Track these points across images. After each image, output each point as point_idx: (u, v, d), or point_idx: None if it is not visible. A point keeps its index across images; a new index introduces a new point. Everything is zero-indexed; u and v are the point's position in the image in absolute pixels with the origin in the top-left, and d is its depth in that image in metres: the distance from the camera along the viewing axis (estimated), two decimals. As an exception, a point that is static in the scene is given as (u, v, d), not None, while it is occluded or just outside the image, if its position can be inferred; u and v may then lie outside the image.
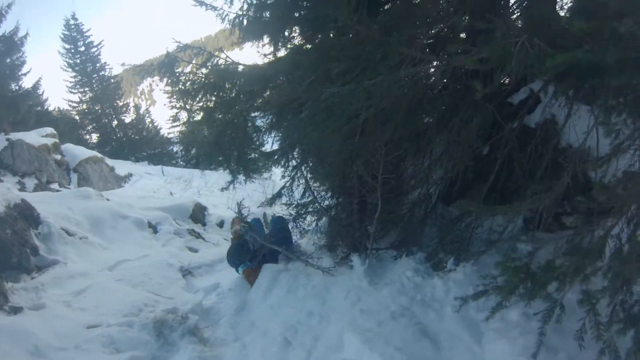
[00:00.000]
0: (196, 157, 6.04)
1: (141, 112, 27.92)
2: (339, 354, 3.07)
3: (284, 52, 4.42)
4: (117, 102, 25.36)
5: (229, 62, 4.62)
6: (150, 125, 27.71)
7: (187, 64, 4.88)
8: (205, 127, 5.12)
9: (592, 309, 2.14)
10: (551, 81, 3.21)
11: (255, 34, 4.37)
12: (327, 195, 5.03)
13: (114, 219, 6.86)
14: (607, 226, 2.27)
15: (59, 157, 13.35)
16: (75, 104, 24.77)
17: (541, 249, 2.69)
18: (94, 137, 25.55)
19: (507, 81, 4.17)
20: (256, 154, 5.40)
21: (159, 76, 4.90)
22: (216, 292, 4.92)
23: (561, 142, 3.72)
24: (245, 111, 4.22)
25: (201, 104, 5.00)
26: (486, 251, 3.75)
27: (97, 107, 24.69)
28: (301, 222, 5.23)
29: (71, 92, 24.28)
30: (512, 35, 2.02)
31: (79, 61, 23.53)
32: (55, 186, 11.71)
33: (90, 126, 25.48)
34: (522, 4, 4.14)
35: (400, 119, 3.25)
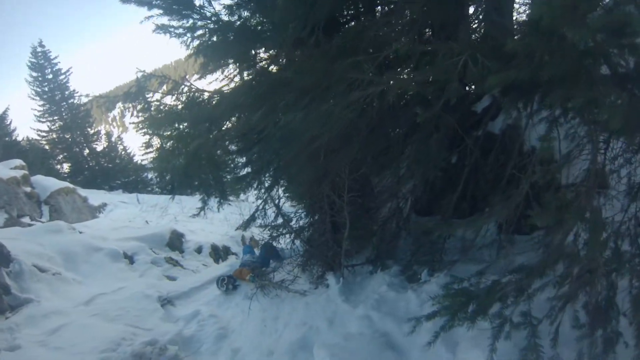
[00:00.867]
0: (171, 183, 6.02)
1: (113, 139, 27.41)
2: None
3: (246, 75, 4.49)
4: (88, 130, 24.84)
5: (194, 90, 4.66)
6: (123, 152, 27.20)
7: (154, 92, 4.89)
8: (176, 154, 5.11)
9: (532, 331, 2.20)
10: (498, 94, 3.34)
11: (218, 59, 4.43)
12: (301, 216, 5.08)
13: (87, 253, 6.73)
14: (562, 231, 2.37)
15: (29, 189, 13.02)
16: (44, 134, 24.17)
17: (490, 266, 2.73)
18: (65, 167, 24.91)
19: (470, 90, 4.34)
20: (230, 177, 5.42)
21: (125, 107, 4.89)
22: (196, 320, 4.87)
23: (525, 147, 3.86)
24: (212, 139, 4.24)
25: (171, 131, 5.01)
26: (459, 260, 3.83)
27: (68, 136, 24.13)
28: (276, 243, 5.25)
29: (40, 121, 23.70)
30: (454, 54, 2.13)
31: (47, 89, 23.01)
32: (26, 220, 11.41)
33: (61, 155, 24.85)
34: (479, 16, 4.31)
35: (361, 139, 3.33)
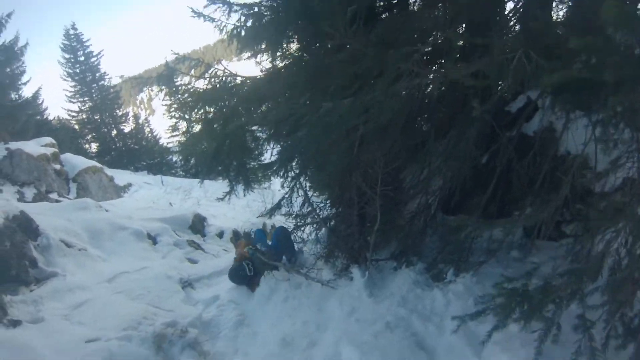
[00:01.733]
0: (195, 167, 6.05)
1: (140, 121, 27.95)
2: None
3: (281, 62, 4.45)
4: (117, 111, 25.38)
5: (227, 74, 4.64)
6: (149, 134, 27.71)
7: (185, 75, 4.90)
8: (204, 138, 5.12)
9: (587, 332, 2.13)
10: (548, 93, 3.21)
11: (252, 44, 4.39)
12: (327, 205, 5.03)
13: (112, 231, 6.83)
14: (606, 240, 2.27)
15: (58, 166, 13.34)
16: (74, 114, 24.79)
17: (539, 267, 2.66)
18: (94, 147, 25.54)
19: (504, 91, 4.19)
20: (255, 164, 5.41)
21: (157, 89, 4.92)
22: (216, 305, 4.88)
23: (559, 150, 3.73)
24: (244, 124, 4.22)
25: (199, 115, 5.02)
26: (486, 261, 3.74)
27: (97, 117, 24.71)
28: (301, 232, 5.22)
29: (71, 101, 24.32)
30: (508, 50, 2.03)
31: (78, 71, 23.57)
32: (54, 196, 11.70)
33: (89, 135, 25.48)
34: (518, 12, 4.16)
35: (398, 131, 3.25)
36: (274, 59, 4.42)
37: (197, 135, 5.37)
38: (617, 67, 1.69)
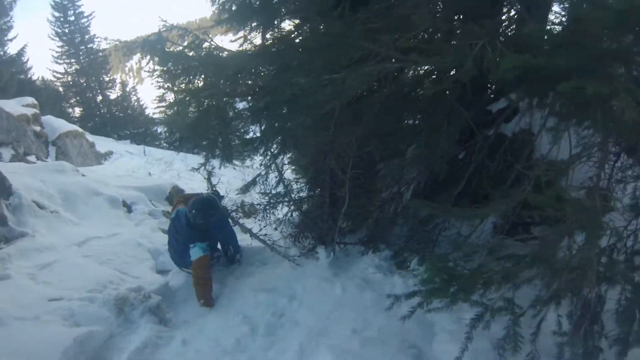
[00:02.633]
0: (179, 139, 6.02)
1: (127, 89, 27.47)
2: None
3: (269, 40, 4.43)
4: (104, 76, 24.89)
5: (214, 47, 4.61)
6: (135, 103, 27.29)
7: (173, 44, 4.85)
8: (189, 106, 5.10)
9: (514, 320, 2.18)
10: (509, 85, 3.28)
11: (241, 20, 4.37)
12: (302, 188, 5.08)
13: (87, 195, 6.78)
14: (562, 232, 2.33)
15: (38, 128, 13.10)
16: (60, 75, 24.25)
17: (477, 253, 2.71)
18: (77, 111, 25.07)
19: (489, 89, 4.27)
20: (238, 140, 5.41)
21: (142, 55, 4.86)
22: (184, 274, 4.91)
23: (535, 153, 3.83)
24: (223, 92, 4.22)
25: (185, 85, 4.99)
26: (451, 254, 3.84)
27: (83, 81, 24.20)
28: (273, 212, 5.25)
29: (57, 62, 23.76)
30: (473, 37, 2.07)
31: (67, 31, 22.98)
32: (32, 158, 11.53)
33: (73, 99, 24.97)
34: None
35: (372, 117, 3.30)
36: (263, 38, 4.41)
37: (180, 103, 5.34)
38: (575, 56, 1.73)
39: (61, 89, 24.65)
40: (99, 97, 24.76)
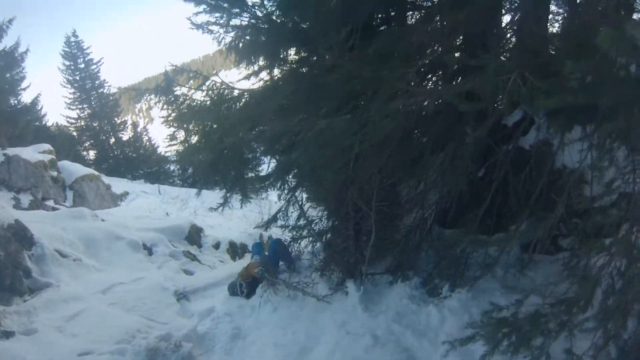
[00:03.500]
0: (193, 177, 6.06)
1: (139, 130, 27.85)
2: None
3: (278, 74, 4.46)
4: (115, 119, 25.34)
5: (224, 87, 4.66)
6: (147, 143, 27.62)
7: (183, 87, 4.91)
8: (201, 149, 5.13)
9: None
10: (544, 115, 3.23)
11: (250, 58, 4.42)
12: (323, 219, 5.03)
13: (108, 240, 6.79)
14: (597, 267, 2.25)
15: (55, 173, 13.28)
16: (73, 121, 24.74)
17: (530, 295, 2.65)
18: (91, 154, 25.43)
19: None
20: (252, 175, 5.42)
21: (155, 99, 4.93)
22: (211, 317, 4.85)
23: (556, 164, 3.74)
24: (241, 139, 4.23)
25: (197, 126, 5.03)
26: (482, 276, 3.74)
27: (95, 124, 24.67)
28: (297, 245, 5.21)
29: (70, 108, 24.28)
30: (503, 71, 2.04)
31: (78, 78, 23.56)
32: (50, 203, 11.64)
33: (87, 143, 25.39)
34: (515, 24, 4.20)
35: (393, 147, 3.26)
36: (271, 74, 4.45)
37: (195, 146, 5.38)
38: (613, 91, 1.70)
39: (75, 134, 25.09)
40: (112, 140, 25.16)
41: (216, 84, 4.69)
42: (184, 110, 4.84)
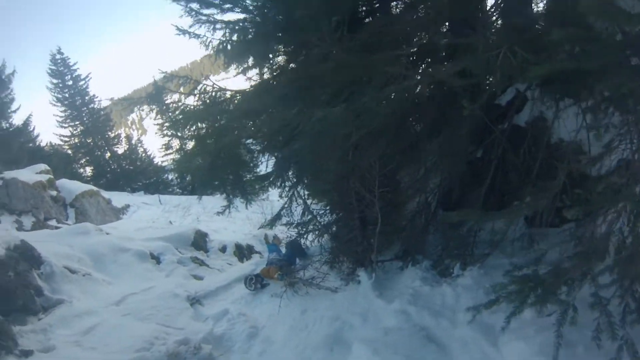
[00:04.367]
0: (192, 183, 6.08)
1: (133, 142, 27.79)
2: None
3: (269, 74, 4.47)
4: (109, 133, 25.25)
5: (216, 89, 4.67)
6: (143, 154, 27.55)
7: (174, 93, 4.91)
8: (198, 154, 5.14)
9: (604, 310, 2.15)
10: (536, 86, 3.26)
11: (239, 59, 4.43)
12: (327, 212, 5.05)
13: (115, 253, 6.81)
14: (608, 221, 2.30)
15: (54, 193, 13.28)
16: (66, 138, 24.64)
17: (546, 254, 2.69)
18: (88, 171, 25.36)
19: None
20: (251, 176, 5.43)
21: (148, 108, 4.94)
22: (226, 319, 4.89)
23: (552, 138, 3.77)
24: (237, 138, 4.24)
25: (192, 132, 5.03)
26: (491, 253, 3.78)
27: (89, 140, 24.57)
28: (304, 240, 5.24)
29: (62, 126, 24.17)
30: (493, 47, 2.07)
31: (67, 95, 23.44)
32: (53, 223, 11.65)
33: (83, 160, 25.30)
34: (499, 7, 4.23)
35: (391, 134, 3.29)
36: (262, 72, 4.46)
37: (191, 151, 5.38)
38: (600, 55, 1.74)
39: (70, 151, 25.01)
40: (107, 154, 25.08)
41: (208, 88, 4.70)
42: (178, 116, 4.84)
